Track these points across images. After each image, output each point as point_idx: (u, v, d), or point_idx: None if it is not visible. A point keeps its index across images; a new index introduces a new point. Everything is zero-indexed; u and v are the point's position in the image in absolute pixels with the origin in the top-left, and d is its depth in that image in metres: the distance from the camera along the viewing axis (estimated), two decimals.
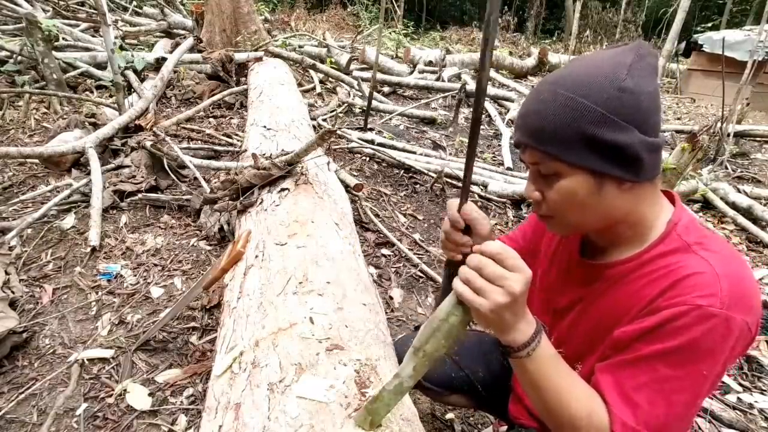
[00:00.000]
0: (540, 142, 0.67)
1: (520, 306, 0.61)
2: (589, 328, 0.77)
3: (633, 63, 0.63)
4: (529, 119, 0.68)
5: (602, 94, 0.62)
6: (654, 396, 0.62)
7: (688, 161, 2.31)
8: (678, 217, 0.71)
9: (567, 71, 0.67)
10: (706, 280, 0.62)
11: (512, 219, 2.88)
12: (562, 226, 0.74)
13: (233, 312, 1.21)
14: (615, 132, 0.62)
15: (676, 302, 0.62)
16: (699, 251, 0.66)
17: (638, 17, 12.57)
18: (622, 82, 0.62)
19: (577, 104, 0.63)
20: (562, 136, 0.64)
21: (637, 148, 0.63)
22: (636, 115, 0.63)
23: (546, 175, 0.69)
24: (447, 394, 1.16)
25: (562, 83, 0.65)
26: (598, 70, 0.64)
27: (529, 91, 0.72)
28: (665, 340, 0.62)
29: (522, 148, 0.71)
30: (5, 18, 4.49)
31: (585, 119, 0.63)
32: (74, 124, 2.88)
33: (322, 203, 1.69)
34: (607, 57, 0.66)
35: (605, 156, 0.64)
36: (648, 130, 0.64)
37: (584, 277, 0.80)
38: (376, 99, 4.51)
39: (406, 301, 2.07)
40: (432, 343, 0.64)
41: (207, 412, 0.95)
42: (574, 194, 0.67)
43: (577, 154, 0.64)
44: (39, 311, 1.70)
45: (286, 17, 9.93)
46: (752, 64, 4.14)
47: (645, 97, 0.63)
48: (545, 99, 0.66)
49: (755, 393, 1.73)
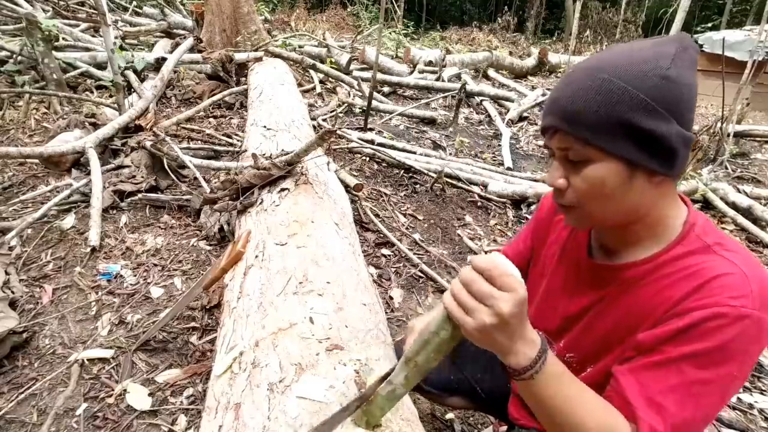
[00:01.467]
0: (574, 125, 0.63)
1: (515, 327, 0.56)
2: (604, 332, 0.75)
3: (677, 53, 0.61)
4: (562, 102, 0.65)
5: (645, 81, 0.60)
6: (683, 399, 0.60)
7: (688, 161, 2.31)
8: (694, 218, 0.69)
9: (606, 57, 0.64)
10: (736, 281, 0.60)
11: (512, 219, 2.88)
12: (582, 218, 0.71)
13: (233, 312, 1.21)
14: (656, 121, 0.60)
15: (707, 303, 0.60)
16: (721, 252, 0.64)
17: (638, 17, 12.56)
18: (666, 71, 0.60)
19: (619, 88, 0.60)
20: (600, 120, 0.61)
21: (674, 141, 0.61)
22: (677, 106, 0.61)
23: (575, 161, 0.66)
24: (446, 396, 1.15)
25: (602, 67, 0.62)
26: (640, 56, 0.62)
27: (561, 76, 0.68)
28: (696, 342, 0.60)
29: (550, 133, 0.68)
30: (5, 18, 4.49)
31: (626, 104, 0.60)
32: (74, 124, 2.88)
33: (322, 203, 1.69)
34: (650, 45, 0.63)
35: (643, 145, 0.61)
36: (685, 124, 0.62)
37: (596, 280, 0.77)
38: (376, 99, 4.51)
39: (406, 301, 2.07)
40: (423, 356, 0.62)
41: (207, 412, 0.95)
42: (602, 183, 0.64)
43: (614, 140, 0.62)
44: (39, 311, 1.70)
45: (286, 17, 9.94)
46: (752, 64, 4.14)
47: (686, 89, 0.61)
48: (581, 82, 0.63)
49: (755, 393, 1.73)
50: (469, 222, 2.81)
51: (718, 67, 6.21)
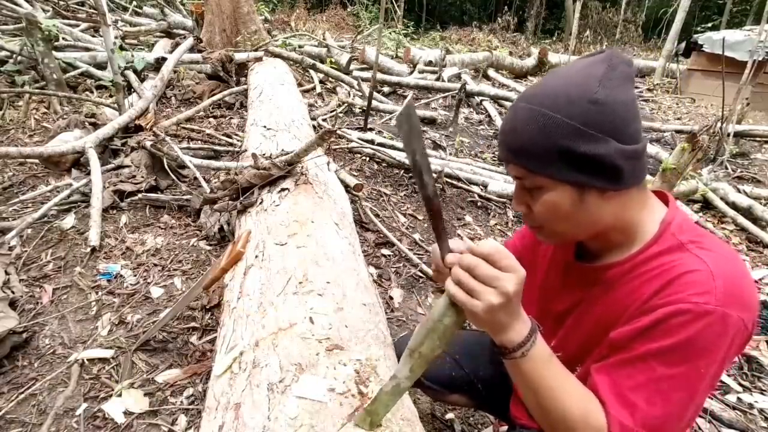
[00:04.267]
0: (519, 158, 0.68)
1: (515, 306, 0.61)
2: (587, 332, 0.78)
3: (604, 74, 0.64)
4: (508, 137, 0.70)
5: (574, 108, 0.63)
6: (651, 395, 0.62)
7: (688, 161, 2.31)
8: (671, 216, 0.72)
9: (540, 86, 0.68)
10: (700, 278, 0.62)
11: (512, 219, 2.88)
12: (551, 235, 0.76)
13: (233, 312, 1.21)
14: (590, 144, 0.63)
15: (671, 300, 0.63)
16: (694, 249, 0.66)
17: (638, 17, 12.57)
18: (594, 94, 0.63)
19: (550, 119, 0.64)
20: (539, 151, 0.65)
21: (615, 158, 0.64)
22: (611, 125, 0.63)
23: (530, 188, 0.71)
24: (447, 393, 1.16)
25: (536, 99, 0.66)
26: (569, 83, 0.65)
27: (509, 108, 0.73)
28: (661, 339, 0.62)
29: (505, 164, 0.73)
30: (5, 18, 4.49)
31: (559, 134, 0.63)
32: (74, 124, 2.88)
33: (322, 203, 1.69)
34: (579, 69, 0.66)
35: (583, 168, 0.65)
36: (626, 139, 0.64)
37: (581, 281, 0.81)
38: (376, 99, 4.51)
39: (406, 301, 2.07)
40: (427, 345, 0.64)
41: (207, 412, 0.95)
42: (558, 206, 0.68)
43: (556, 168, 0.66)
44: (39, 311, 1.70)
45: (286, 17, 9.94)
46: (752, 64, 4.14)
47: (620, 107, 0.64)
48: (520, 116, 0.67)
49: (755, 393, 1.73)
50: (469, 222, 2.81)
51: (718, 67, 6.21)
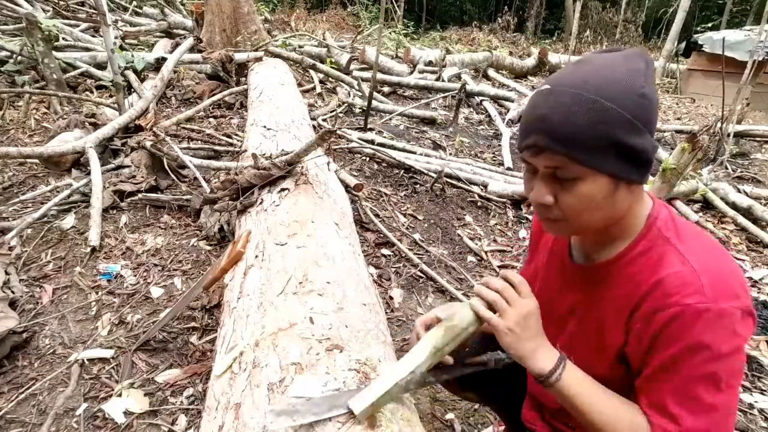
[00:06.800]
0: (569, 146, 0.64)
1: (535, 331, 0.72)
2: (591, 333, 0.77)
3: (646, 70, 0.66)
4: (551, 123, 0.64)
5: (627, 100, 0.63)
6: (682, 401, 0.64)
7: (688, 161, 2.31)
8: (657, 211, 0.73)
9: (581, 75, 0.65)
10: (685, 278, 0.64)
11: (512, 219, 2.88)
12: (569, 228, 0.73)
13: (233, 312, 1.21)
14: (638, 136, 0.64)
15: (662, 305, 0.64)
16: (678, 246, 0.68)
17: (638, 17, 12.56)
18: (642, 89, 0.64)
19: (606, 109, 0.62)
20: (592, 140, 0.63)
21: (651, 152, 0.66)
22: (651, 120, 0.65)
23: (563, 178, 0.67)
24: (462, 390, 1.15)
25: (584, 87, 0.63)
26: (616, 75, 0.65)
27: (537, 94, 0.68)
28: (669, 346, 0.64)
29: (534, 152, 0.68)
30: (5, 18, 4.49)
31: (614, 124, 0.63)
32: (74, 124, 2.88)
33: (322, 203, 1.69)
34: (619, 62, 0.66)
35: (629, 160, 0.65)
36: (653, 133, 0.67)
37: (578, 281, 0.81)
38: (376, 99, 4.50)
39: (406, 301, 2.07)
40: (450, 346, 0.77)
41: (207, 412, 0.95)
42: (592, 198, 0.66)
43: (604, 158, 0.64)
44: (39, 311, 1.70)
45: (286, 17, 9.93)
46: (752, 64, 4.14)
47: (655, 103, 0.66)
48: (566, 102, 0.64)
49: (755, 393, 1.73)
50: (469, 222, 2.81)
51: (718, 67, 6.21)
